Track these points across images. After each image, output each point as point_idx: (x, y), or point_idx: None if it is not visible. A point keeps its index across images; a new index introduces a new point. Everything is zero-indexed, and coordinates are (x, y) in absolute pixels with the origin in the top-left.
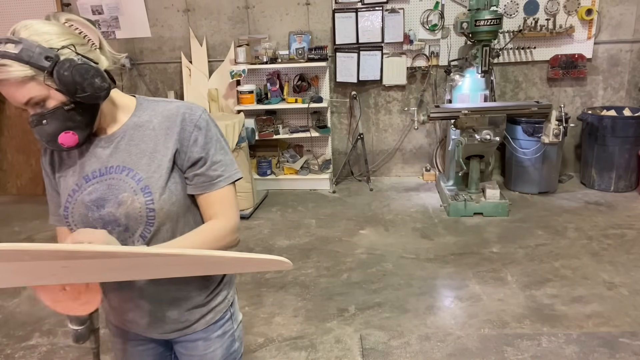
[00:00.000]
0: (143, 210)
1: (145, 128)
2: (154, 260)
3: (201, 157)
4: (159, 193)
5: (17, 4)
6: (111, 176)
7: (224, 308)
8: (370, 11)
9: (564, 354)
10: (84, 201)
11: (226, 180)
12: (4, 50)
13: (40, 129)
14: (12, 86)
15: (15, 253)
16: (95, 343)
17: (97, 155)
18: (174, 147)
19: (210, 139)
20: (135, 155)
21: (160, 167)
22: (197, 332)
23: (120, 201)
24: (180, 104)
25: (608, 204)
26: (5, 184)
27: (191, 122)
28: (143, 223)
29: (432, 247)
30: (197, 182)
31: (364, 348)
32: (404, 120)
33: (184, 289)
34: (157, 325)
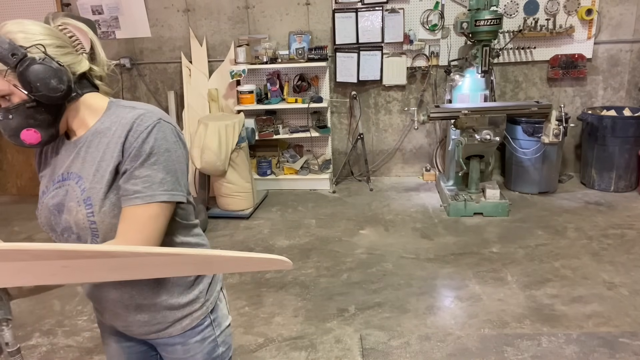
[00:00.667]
0: (85, 221)
1: (103, 135)
2: (155, 260)
3: (126, 168)
4: (99, 205)
5: (17, 3)
6: (67, 182)
7: (202, 315)
8: (370, 11)
9: (564, 354)
10: (47, 204)
11: (143, 198)
12: None
13: (5, 123)
14: None
15: (15, 253)
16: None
17: (64, 159)
18: (117, 156)
19: (144, 152)
20: (88, 163)
21: (103, 177)
22: (174, 337)
23: (68, 209)
24: (139, 112)
25: (608, 204)
26: (5, 184)
27: (136, 131)
28: (89, 234)
29: (432, 247)
30: (120, 193)
31: (364, 348)
32: (404, 120)
33: (148, 296)
34: (129, 328)
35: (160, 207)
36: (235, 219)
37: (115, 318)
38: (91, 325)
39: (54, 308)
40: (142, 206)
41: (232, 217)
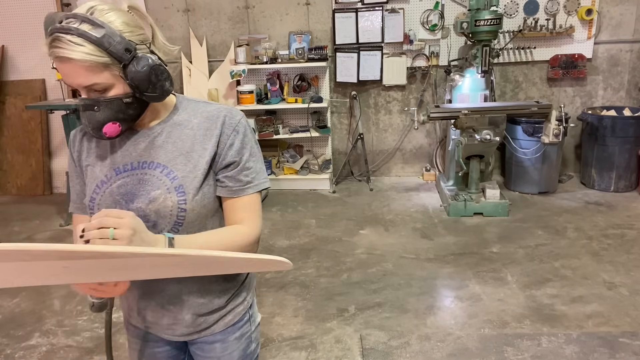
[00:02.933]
0: (175, 209)
1: (183, 127)
2: (155, 260)
3: (235, 160)
4: (192, 194)
5: (18, 3)
6: (144, 171)
7: (243, 310)
8: (370, 11)
9: (564, 354)
10: (112, 193)
11: (255, 188)
12: (81, 30)
13: (90, 115)
14: (80, 68)
15: (16, 253)
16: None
17: (131, 149)
18: (212, 149)
19: (246, 145)
20: (172, 153)
21: (196, 167)
22: (215, 334)
23: (152, 198)
24: (221, 107)
25: (608, 204)
26: (5, 184)
27: (230, 125)
28: (172, 222)
29: (432, 247)
30: (228, 185)
31: (364, 348)
32: (404, 120)
33: (205, 294)
34: (177, 327)
35: (261, 192)
36: None
37: (162, 316)
38: (91, 325)
39: (54, 308)
40: (254, 194)
41: None
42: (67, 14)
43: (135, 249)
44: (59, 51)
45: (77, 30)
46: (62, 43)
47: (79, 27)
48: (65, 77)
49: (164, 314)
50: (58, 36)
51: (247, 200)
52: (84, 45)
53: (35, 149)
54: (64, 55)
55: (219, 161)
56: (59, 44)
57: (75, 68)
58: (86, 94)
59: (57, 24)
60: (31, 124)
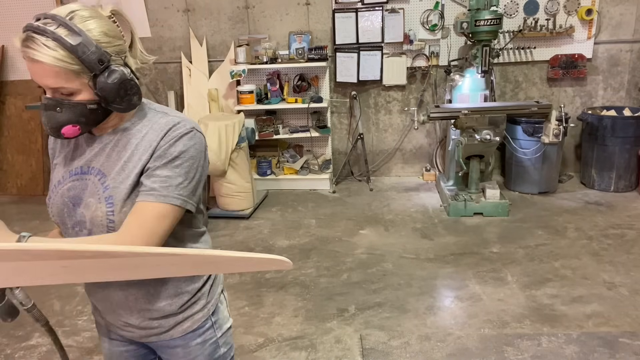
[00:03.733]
0: (104, 219)
1: (132, 136)
2: (154, 260)
3: (149, 167)
4: (120, 205)
5: (18, 3)
6: (88, 177)
7: (203, 317)
8: (370, 11)
9: (564, 354)
10: (63, 195)
11: (157, 197)
12: (57, 34)
13: (51, 115)
14: (49, 71)
15: (15, 253)
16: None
17: (87, 152)
18: (146, 159)
19: (171, 154)
20: (113, 161)
21: (128, 178)
22: (175, 339)
23: (87, 205)
24: (176, 119)
25: (608, 204)
26: (5, 184)
27: (169, 136)
28: (104, 232)
29: (432, 247)
30: (139, 189)
31: (364, 348)
32: (404, 120)
33: (152, 300)
34: (131, 329)
35: (171, 209)
36: (235, 219)
37: (117, 319)
38: (91, 326)
39: (54, 308)
40: (153, 203)
41: (232, 217)
42: (47, 13)
43: (135, 248)
44: (29, 52)
45: (52, 34)
46: (34, 44)
47: (55, 30)
48: (33, 76)
49: (116, 317)
50: (32, 36)
51: (140, 206)
52: (56, 50)
53: (35, 149)
54: (34, 58)
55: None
56: (31, 44)
57: (44, 70)
58: (51, 94)
59: (35, 21)
60: (31, 124)
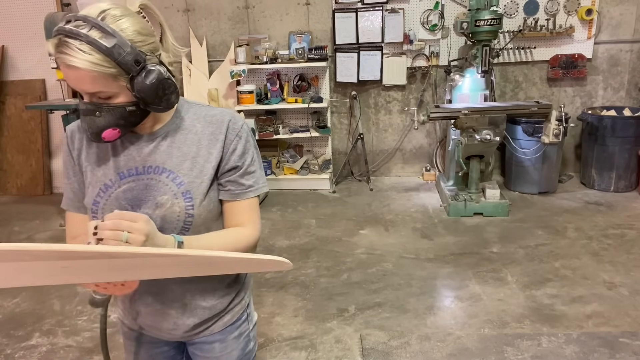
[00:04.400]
0: (182, 214)
1: (187, 131)
2: (155, 260)
3: (237, 165)
4: (200, 199)
5: (18, 3)
6: (149, 176)
7: (241, 310)
8: (370, 11)
9: (564, 354)
10: (118, 198)
11: (255, 192)
12: (91, 37)
13: (91, 120)
14: (86, 76)
15: (15, 253)
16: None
17: (135, 153)
18: (218, 154)
19: (248, 150)
20: (177, 157)
21: (203, 172)
22: (214, 334)
23: (158, 203)
24: (224, 111)
25: (608, 204)
26: (5, 184)
27: (234, 130)
28: (179, 227)
29: (432, 247)
30: (230, 189)
31: (364, 348)
32: (404, 120)
33: (208, 297)
34: (177, 331)
35: (259, 196)
36: None
37: (162, 320)
38: (91, 325)
39: (54, 308)
40: (255, 198)
41: None
42: (77, 15)
43: (135, 249)
44: (65, 57)
45: (86, 37)
46: (68, 49)
47: (88, 33)
48: (69, 82)
49: (164, 318)
50: (65, 41)
51: (248, 203)
52: (92, 54)
53: (35, 149)
54: (70, 64)
55: (223, 165)
56: (65, 49)
57: (80, 76)
58: (89, 99)
59: (65, 24)
60: (31, 124)
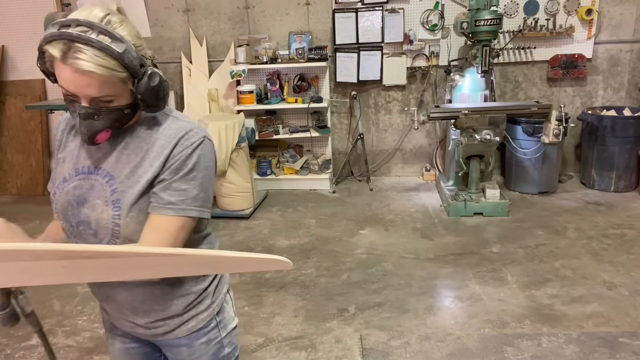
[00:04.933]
0: (109, 222)
1: (142, 140)
2: (155, 260)
3: (164, 178)
4: (127, 210)
5: (18, 3)
6: (95, 177)
7: (208, 317)
8: (370, 11)
9: (564, 354)
10: (68, 193)
11: (176, 211)
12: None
13: (89, 123)
14: (97, 81)
15: (16, 253)
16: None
17: (94, 151)
18: (158, 167)
19: (186, 165)
20: (122, 164)
21: (138, 183)
22: (180, 338)
23: (93, 206)
24: (187, 125)
25: (608, 204)
26: (5, 184)
27: (182, 145)
28: (109, 235)
29: (432, 247)
30: (151, 200)
31: (364, 348)
32: (404, 120)
33: (158, 301)
34: (137, 329)
35: (188, 220)
36: (235, 219)
37: (123, 319)
38: (91, 325)
39: (54, 308)
40: (172, 217)
41: (232, 217)
42: (79, 20)
43: (135, 248)
44: (78, 63)
45: (99, 43)
46: (82, 54)
47: (98, 38)
48: (72, 86)
49: (122, 317)
50: (78, 46)
51: (161, 221)
52: (105, 59)
53: (35, 149)
54: (85, 69)
55: (159, 177)
56: (78, 54)
57: (91, 80)
58: (87, 103)
59: (71, 28)
60: (31, 124)
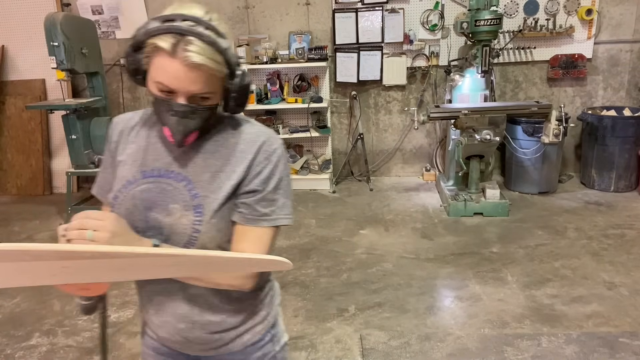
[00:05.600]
0: (189, 228)
1: (219, 144)
2: (154, 261)
3: (257, 189)
4: (209, 216)
5: (18, 3)
6: (168, 181)
7: (263, 330)
8: (370, 11)
9: (564, 354)
10: (134, 197)
11: (270, 222)
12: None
13: (185, 122)
14: (204, 76)
15: (15, 253)
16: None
17: (164, 154)
18: (241, 173)
19: (274, 175)
20: (200, 168)
21: (220, 189)
22: (234, 353)
23: (169, 211)
24: (262, 131)
25: (608, 204)
26: (5, 184)
27: (265, 152)
28: (184, 241)
29: (432, 247)
30: (242, 212)
31: (364, 348)
32: (404, 120)
33: (218, 313)
34: (190, 345)
35: (279, 229)
36: None
37: (175, 334)
38: (91, 325)
39: (54, 308)
40: (266, 228)
41: None
42: (185, 14)
43: (135, 249)
44: (192, 56)
45: (208, 38)
46: (195, 47)
47: (207, 33)
48: (175, 80)
49: (177, 332)
50: (189, 39)
51: (258, 233)
52: (215, 54)
53: (35, 149)
54: (199, 62)
55: (243, 186)
56: (191, 47)
57: (198, 76)
58: (185, 100)
59: (177, 22)
60: (31, 124)
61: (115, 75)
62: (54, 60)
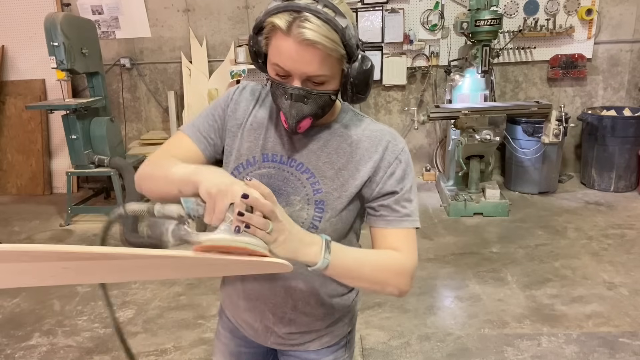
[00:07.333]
0: (307, 222)
1: (342, 140)
2: (154, 262)
3: (395, 190)
4: (331, 214)
5: (18, 3)
6: (291, 170)
7: (342, 334)
8: (370, 11)
9: (564, 354)
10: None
11: (412, 222)
12: (330, 15)
13: (299, 106)
14: (318, 57)
15: (15, 254)
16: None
17: (285, 140)
18: (366, 173)
19: (407, 175)
20: (323, 163)
21: (344, 187)
22: (309, 352)
23: (289, 202)
24: (386, 129)
25: (608, 204)
26: (5, 184)
27: (393, 152)
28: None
29: (432, 247)
30: (383, 214)
31: (364, 348)
32: (404, 120)
33: (310, 314)
34: (269, 337)
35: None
36: None
37: (259, 322)
38: (91, 325)
39: (54, 308)
40: (412, 229)
41: None
42: None
43: (135, 250)
44: (306, 32)
45: (325, 15)
46: (310, 24)
47: (324, 10)
48: (289, 60)
49: (261, 320)
50: (306, 16)
51: (404, 233)
52: (330, 32)
53: (35, 149)
54: (312, 39)
55: (374, 189)
56: (307, 24)
57: (313, 55)
58: (300, 83)
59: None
60: (31, 124)
61: (115, 75)
62: (54, 60)
